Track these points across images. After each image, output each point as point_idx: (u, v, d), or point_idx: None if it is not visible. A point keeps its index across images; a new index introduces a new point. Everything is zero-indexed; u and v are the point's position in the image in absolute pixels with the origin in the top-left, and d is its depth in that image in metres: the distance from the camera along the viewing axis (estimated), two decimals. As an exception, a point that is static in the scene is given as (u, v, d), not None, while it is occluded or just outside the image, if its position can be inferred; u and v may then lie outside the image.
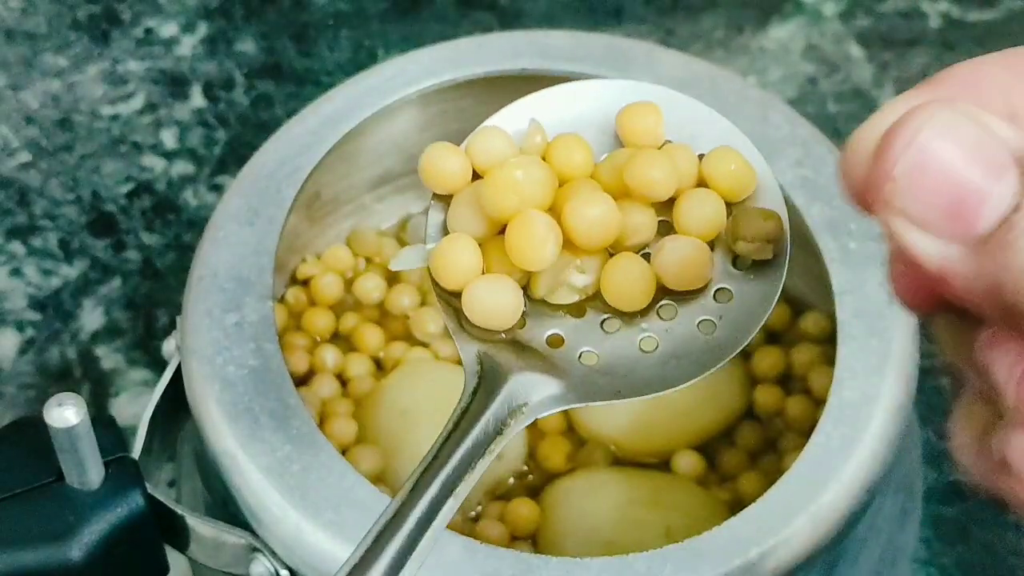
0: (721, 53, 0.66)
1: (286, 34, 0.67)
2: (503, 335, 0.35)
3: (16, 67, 0.66)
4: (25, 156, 0.63)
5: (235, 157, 0.63)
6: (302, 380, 0.50)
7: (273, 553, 0.42)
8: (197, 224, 0.60)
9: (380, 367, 0.51)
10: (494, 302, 0.34)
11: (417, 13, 0.68)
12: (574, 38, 0.51)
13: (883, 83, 0.65)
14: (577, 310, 0.35)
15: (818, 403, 0.48)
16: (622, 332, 0.35)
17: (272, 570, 0.42)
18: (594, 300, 0.35)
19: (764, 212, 0.35)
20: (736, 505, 0.45)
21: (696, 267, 0.35)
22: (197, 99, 0.65)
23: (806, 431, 0.43)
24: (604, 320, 0.35)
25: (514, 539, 0.47)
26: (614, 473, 0.48)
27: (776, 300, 0.35)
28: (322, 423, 0.48)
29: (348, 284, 0.52)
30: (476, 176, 0.36)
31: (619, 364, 0.35)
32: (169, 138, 0.64)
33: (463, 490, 0.32)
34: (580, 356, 0.35)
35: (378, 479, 0.47)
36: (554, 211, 0.35)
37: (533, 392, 0.34)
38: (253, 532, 0.42)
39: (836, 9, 0.68)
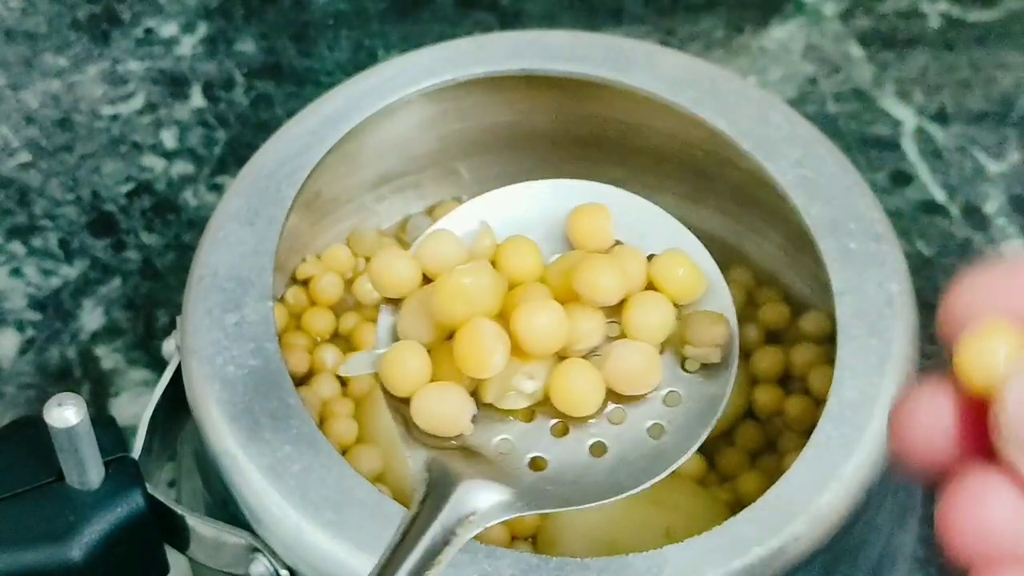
0: (721, 53, 0.66)
1: (286, 34, 0.67)
2: (452, 441, 0.35)
3: (16, 67, 0.66)
4: (25, 156, 0.63)
5: (235, 157, 0.63)
6: (302, 380, 0.50)
7: (273, 553, 0.42)
8: (197, 224, 0.60)
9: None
10: (442, 409, 0.35)
11: (417, 13, 0.68)
12: (574, 38, 0.51)
13: (883, 83, 0.65)
14: (526, 415, 0.35)
15: (818, 403, 0.48)
16: (572, 437, 0.35)
17: (272, 570, 0.42)
18: (543, 405, 0.35)
19: (712, 316, 0.36)
20: (736, 505, 0.45)
21: (645, 372, 0.35)
22: (197, 99, 0.65)
23: (806, 431, 0.43)
24: (553, 425, 0.35)
25: (514, 539, 0.47)
26: (614, 473, 0.48)
27: (725, 404, 0.35)
28: (322, 423, 0.48)
29: (348, 284, 0.52)
30: (427, 280, 0.36)
31: (568, 470, 0.35)
32: (169, 138, 0.64)
33: None
34: (529, 462, 0.35)
35: (378, 479, 0.47)
36: (503, 316, 0.35)
37: (482, 499, 0.33)
38: (253, 532, 0.42)
39: (836, 9, 0.68)
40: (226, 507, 0.43)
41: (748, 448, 0.49)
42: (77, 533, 0.41)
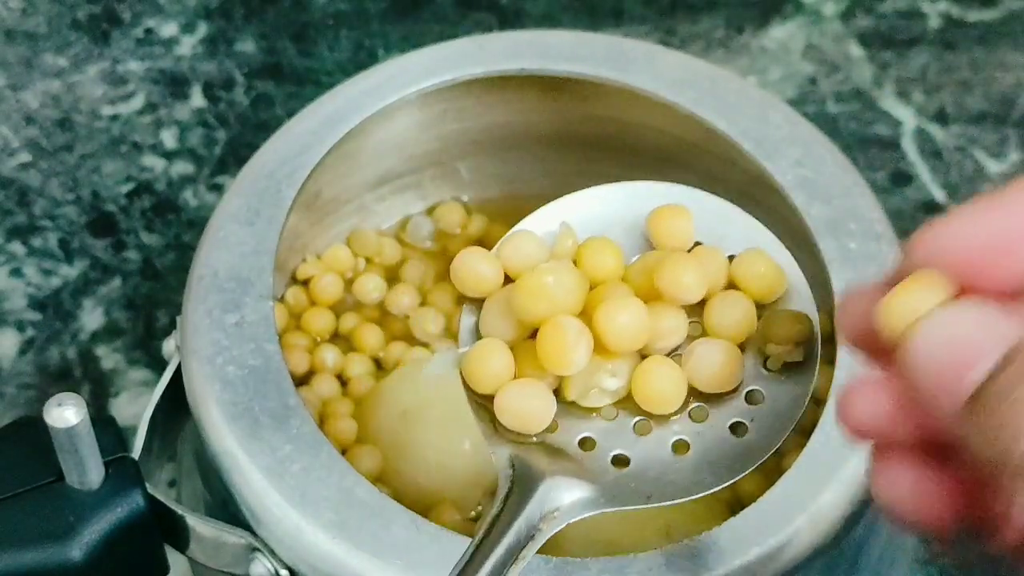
0: (721, 53, 0.66)
1: (286, 34, 0.67)
2: (535, 438, 0.35)
3: (16, 67, 0.66)
4: (25, 156, 0.63)
5: (235, 157, 0.63)
6: (302, 380, 0.50)
7: (273, 553, 0.42)
8: (197, 224, 0.60)
9: (380, 367, 0.51)
10: (526, 406, 0.35)
11: (417, 13, 0.68)
12: (574, 38, 0.51)
13: (883, 83, 0.65)
14: (609, 413, 0.36)
15: (818, 403, 0.48)
16: (654, 435, 0.36)
17: (272, 570, 0.42)
18: (626, 403, 0.36)
19: (794, 315, 0.36)
20: (736, 505, 0.45)
21: (727, 370, 0.35)
22: (197, 99, 0.65)
23: (806, 431, 0.43)
24: (636, 423, 0.36)
25: (514, 539, 0.47)
26: (614, 473, 0.48)
27: (808, 401, 0.35)
28: (322, 423, 0.48)
29: (348, 284, 0.52)
30: (508, 280, 0.36)
31: (651, 468, 0.35)
32: (169, 138, 0.64)
33: None
34: (612, 459, 0.35)
35: (378, 479, 0.47)
36: (585, 314, 0.35)
37: (565, 496, 0.34)
38: (253, 532, 0.42)
39: (836, 9, 0.68)
40: (226, 507, 0.43)
41: (748, 448, 0.49)
42: (77, 533, 0.41)
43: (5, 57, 0.66)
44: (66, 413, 0.40)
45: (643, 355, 0.36)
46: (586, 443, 0.35)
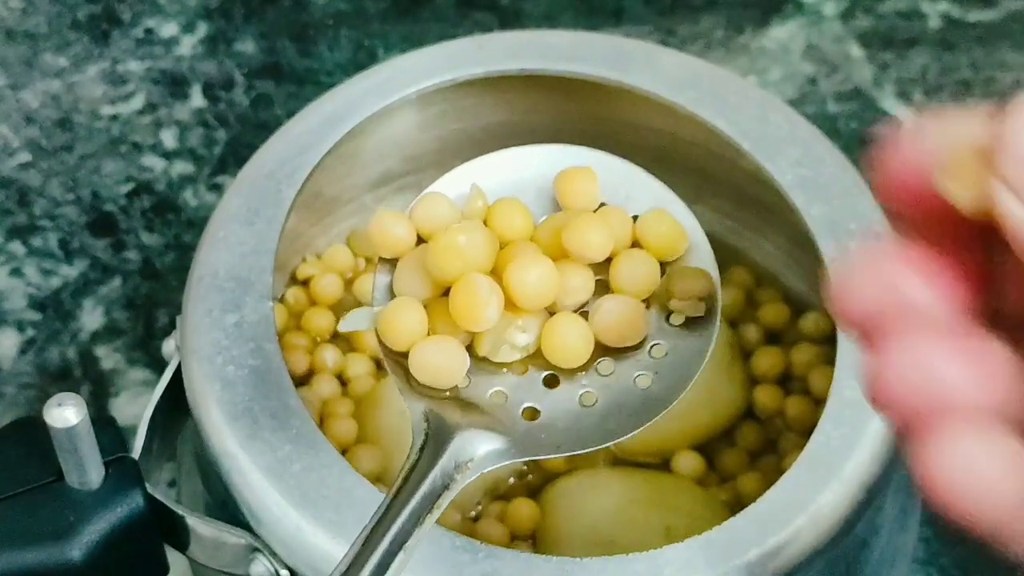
0: (721, 53, 0.66)
1: (286, 34, 0.67)
2: (448, 393, 0.36)
3: (16, 67, 0.66)
4: (25, 156, 0.63)
5: (235, 157, 0.63)
6: (302, 380, 0.50)
7: (273, 553, 0.42)
8: (197, 224, 0.60)
9: (380, 367, 0.51)
10: (439, 362, 0.36)
11: (417, 13, 0.68)
12: (574, 38, 0.51)
13: (883, 83, 0.65)
14: (519, 368, 0.37)
15: (818, 403, 0.48)
16: (562, 388, 0.37)
17: (272, 570, 0.42)
18: (535, 358, 0.37)
19: (696, 271, 0.37)
20: (736, 505, 0.45)
21: (632, 324, 0.37)
22: (197, 99, 0.65)
23: (806, 431, 0.43)
24: (545, 377, 0.37)
25: (514, 539, 0.47)
26: (614, 473, 0.48)
27: (709, 354, 0.36)
28: (322, 423, 0.48)
29: (348, 284, 0.52)
30: (421, 241, 0.37)
31: (560, 419, 0.36)
32: (169, 138, 0.64)
33: (413, 543, 0.33)
34: (522, 412, 0.36)
35: (378, 479, 0.47)
36: (496, 273, 0.36)
37: (478, 447, 0.35)
38: (253, 532, 0.42)
39: (836, 9, 0.68)
40: (226, 507, 0.43)
41: (748, 448, 0.49)
42: (77, 533, 0.41)
43: (5, 57, 0.66)
44: (66, 413, 0.40)
45: (551, 312, 0.37)
46: (497, 396, 0.36)
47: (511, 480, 0.48)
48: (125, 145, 0.63)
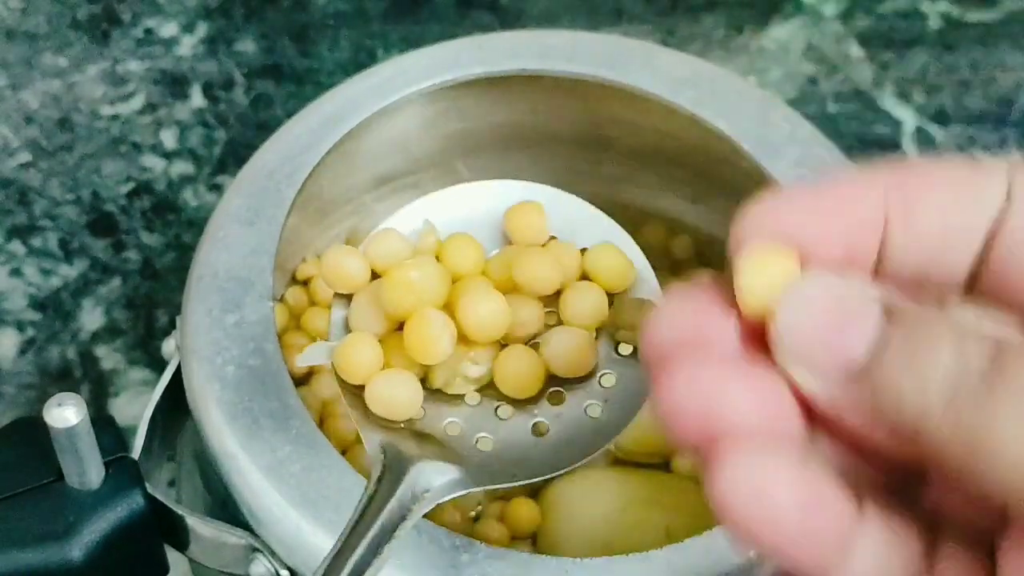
0: (721, 53, 0.66)
1: (286, 34, 0.67)
2: (404, 425, 0.37)
3: (16, 67, 0.66)
4: (25, 156, 0.63)
5: (235, 157, 0.63)
6: (302, 380, 0.50)
7: (273, 553, 0.42)
8: (197, 224, 0.60)
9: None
10: (395, 395, 0.37)
11: (417, 13, 0.68)
12: (574, 38, 0.51)
13: (883, 83, 0.65)
14: (473, 399, 0.38)
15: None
16: (515, 419, 0.38)
17: (272, 570, 0.42)
18: (488, 389, 0.38)
19: (643, 302, 0.38)
20: (736, 505, 0.45)
21: (582, 355, 0.38)
22: (197, 99, 0.65)
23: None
24: (498, 407, 0.38)
25: (514, 539, 0.47)
26: (614, 473, 0.48)
27: None
28: (322, 423, 0.48)
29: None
30: (375, 276, 0.38)
31: (513, 449, 0.37)
32: (169, 138, 0.64)
33: (372, 573, 0.34)
34: (476, 442, 0.37)
35: (378, 479, 0.47)
36: (448, 307, 0.37)
37: (434, 478, 0.35)
38: (253, 532, 0.42)
39: (836, 9, 0.68)
40: (226, 507, 0.43)
41: (748, 448, 0.49)
42: (77, 533, 0.41)
43: (5, 57, 0.66)
44: (66, 413, 0.40)
45: (503, 344, 0.38)
46: (452, 428, 0.37)
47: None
48: (125, 145, 0.63)
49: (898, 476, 0.28)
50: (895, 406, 0.25)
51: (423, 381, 0.37)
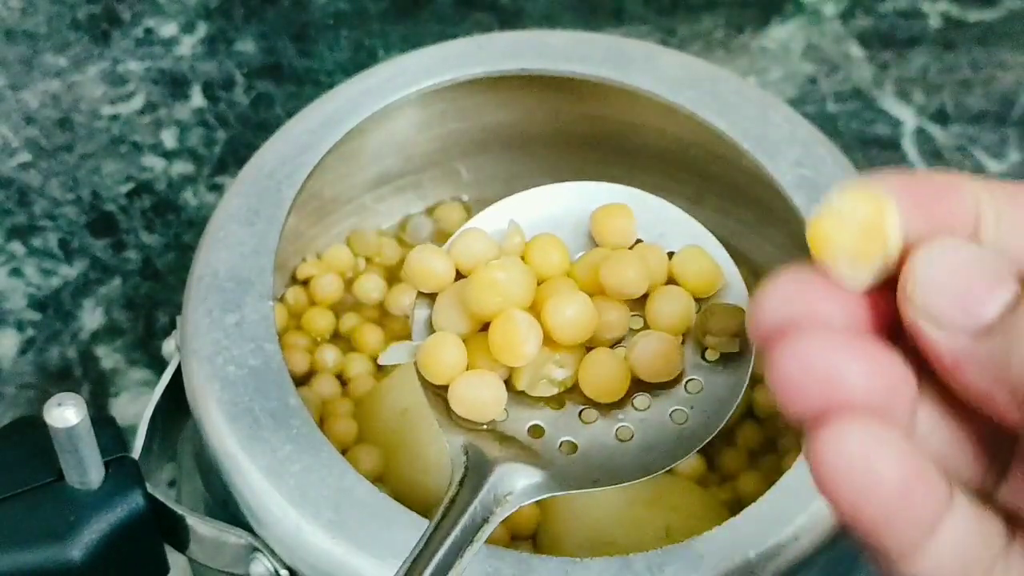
0: (721, 53, 0.66)
1: (286, 34, 0.67)
2: (487, 426, 0.37)
3: (16, 67, 0.66)
4: (25, 156, 0.63)
5: (235, 157, 0.63)
6: (302, 380, 0.50)
7: (273, 553, 0.42)
8: (197, 224, 0.60)
9: (380, 367, 0.51)
10: (478, 396, 0.36)
11: (417, 13, 0.68)
12: (574, 38, 0.51)
13: (883, 83, 0.65)
14: (557, 402, 0.37)
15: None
16: (599, 423, 0.37)
17: (272, 570, 0.42)
18: (572, 392, 0.37)
19: (731, 308, 0.38)
20: (736, 505, 0.45)
21: (667, 360, 0.37)
22: (197, 99, 0.65)
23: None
24: (582, 411, 0.37)
25: (514, 539, 0.47)
26: (614, 473, 0.48)
27: (743, 390, 0.37)
28: (322, 423, 0.48)
29: (348, 284, 0.52)
30: (459, 276, 0.38)
31: (597, 453, 0.36)
32: (169, 138, 0.64)
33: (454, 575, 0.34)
34: (560, 446, 0.37)
35: (378, 479, 0.47)
36: (533, 308, 0.36)
37: (517, 481, 0.35)
38: (253, 532, 0.42)
39: (836, 9, 0.68)
40: (226, 507, 0.43)
41: (748, 448, 0.49)
42: (77, 533, 0.41)
43: (5, 57, 0.66)
44: (66, 413, 0.40)
45: (589, 347, 0.37)
46: (535, 430, 0.37)
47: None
48: (125, 145, 0.63)
49: (988, 459, 0.28)
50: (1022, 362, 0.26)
51: (507, 382, 0.37)
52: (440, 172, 0.54)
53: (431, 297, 0.38)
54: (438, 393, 0.37)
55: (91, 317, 0.59)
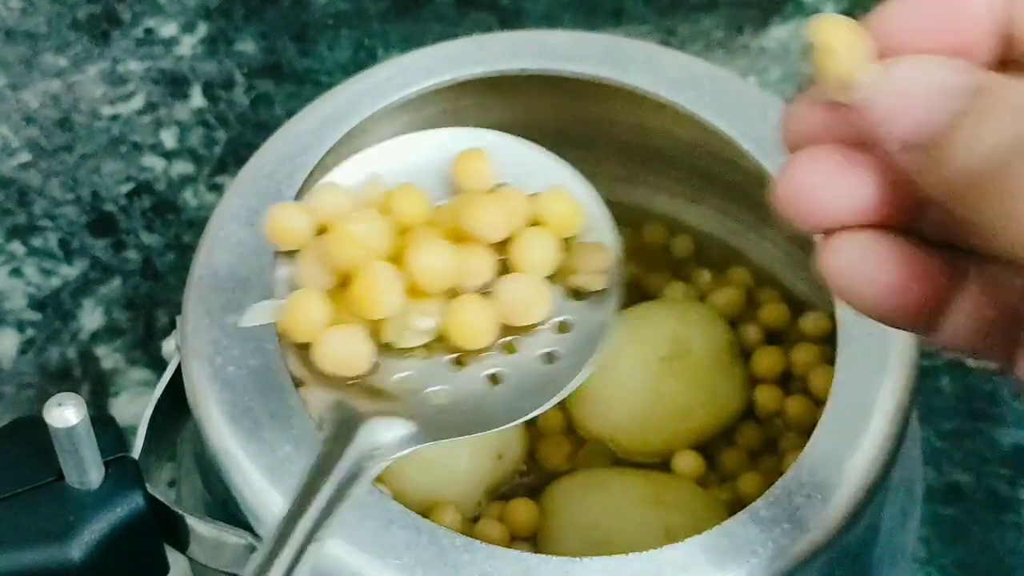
0: (721, 53, 0.66)
1: (286, 34, 0.67)
2: (355, 381, 0.36)
3: (16, 67, 0.66)
4: (25, 156, 0.63)
5: (235, 157, 0.63)
6: (302, 380, 0.50)
7: (273, 553, 0.42)
8: (197, 224, 0.60)
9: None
10: (344, 351, 0.36)
11: (417, 13, 0.68)
12: (574, 38, 0.51)
13: (883, 83, 0.65)
14: (425, 351, 0.37)
15: (818, 403, 0.48)
16: (469, 369, 0.37)
17: (272, 570, 0.42)
18: (440, 341, 0.37)
19: (595, 246, 0.38)
20: (736, 505, 0.45)
21: (534, 302, 0.37)
22: (197, 99, 0.65)
23: (806, 431, 0.43)
24: (451, 359, 0.37)
25: (514, 539, 0.47)
26: (614, 473, 0.48)
27: (612, 325, 0.37)
28: (322, 423, 0.48)
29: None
30: (320, 233, 0.37)
31: (468, 400, 0.36)
32: (169, 138, 0.64)
33: (326, 534, 0.33)
34: (431, 395, 0.37)
35: (378, 479, 0.47)
36: (396, 260, 0.36)
37: (387, 434, 0.35)
38: (253, 532, 0.42)
39: (836, 9, 0.68)
40: (226, 507, 0.43)
41: (748, 448, 0.49)
42: (77, 533, 0.41)
43: (5, 57, 0.66)
44: (66, 413, 0.40)
45: (454, 294, 0.37)
46: (405, 382, 0.37)
47: (514, 476, 0.48)
48: (125, 145, 0.63)
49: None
50: (958, 168, 0.28)
51: (372, 336, 0.37)
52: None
53: (291, 255, 0.37)
54: (303, 351, 0.36)
55: (91, 317, 0.59)
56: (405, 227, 0.37)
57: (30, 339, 0.58)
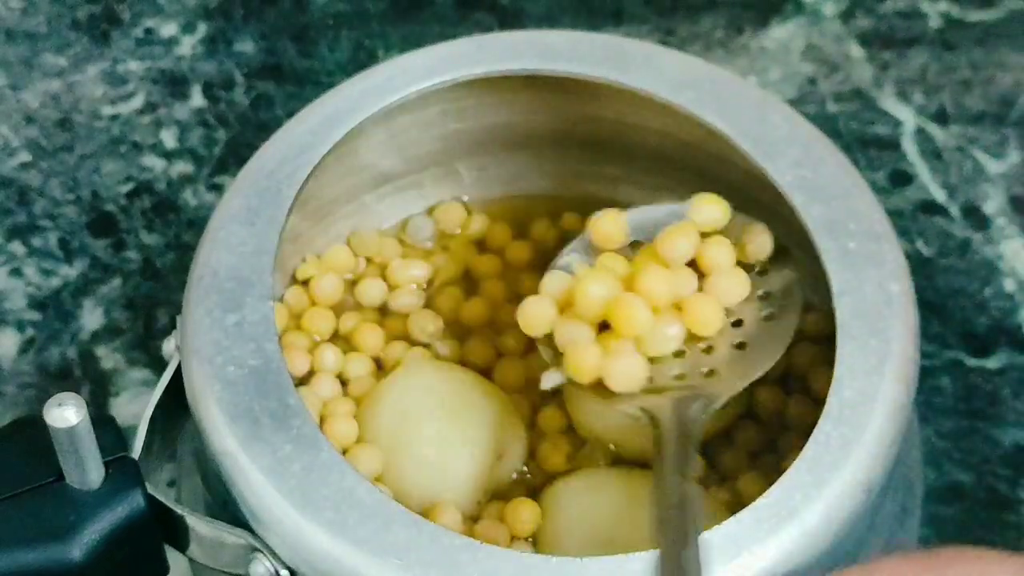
0: (721, 53, 0.66)
1: (286, 34, 0.67)
2: (643, 389, 0.44)
3: (16, 67, 0.66)
4: (25, 156, 0.63)
5: (235, 157, 0.63)
6: (302, 380, 0.50)
7: (273, 553, 0.42)
8: (197, 224, 0.60)
9: (380, 367, 0.51)
10: (627, 369, 0.44)
11: (417, 13, 0.68)
12: (574, 38, 0.51)
13: (883, 83, 0.65)
14: (679, 351, 0.45)
15: (818, 403, 0.48)
16: (719, 348, 0.46)
17: (272, 570, 0.42)
18: (689, 340, 0.45)
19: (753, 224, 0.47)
20: (736, 505, 0.45)
21: (742, 292, 0.47)
22: (197, 99, 0.65)
23: (806, 431, 0.43)
24: (702, 348, 0.46)
25: (514, 539, 0.47)
26: (614, 473, 0.48)
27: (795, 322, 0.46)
28: (322, 423, 0.48)
29: (348, 284, 0.52)
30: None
31: (724, 368, 0.45)
32: (169, 138, 0.64)
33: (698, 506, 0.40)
34: (700, 373, 0.45)
35: (378, 479, 0.47)
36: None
37: (691, 406, 0.43)
38: (253, 532, 0.42)
39: (836, 9, 0.68)
40: (226, 507, 0.43)
41: (748, 448, 0.49)
42: (77, 533, 0.41)
43: (5, 57, 0.66)
44: (66, 413, 0.40)
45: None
46: (678, 377, 0.45)
47: (514, 476, 0.48)
48: (125, 145, 0.63)
49: None
50: None
51: (641, 352, 0.45)
52: (440, 172, 0.54)
53: (548, 338, 0.45)
54: (586, 390, 0.44)
55: (91, 317, 0.59)
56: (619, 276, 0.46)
57: (30, 339, 0.58)
